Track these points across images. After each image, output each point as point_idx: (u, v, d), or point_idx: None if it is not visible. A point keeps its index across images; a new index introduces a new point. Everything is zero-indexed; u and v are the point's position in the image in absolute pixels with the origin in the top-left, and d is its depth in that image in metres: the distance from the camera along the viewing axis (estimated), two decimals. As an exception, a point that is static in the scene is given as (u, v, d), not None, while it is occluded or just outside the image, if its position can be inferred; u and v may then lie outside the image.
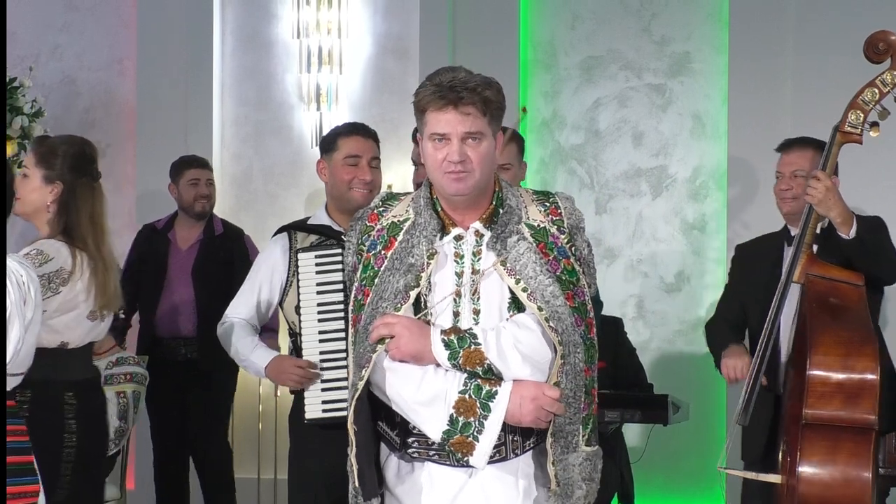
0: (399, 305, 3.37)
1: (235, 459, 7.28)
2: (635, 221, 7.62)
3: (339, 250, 4.66)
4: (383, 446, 3.52)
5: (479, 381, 3.34)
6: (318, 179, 6.82)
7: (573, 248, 3.47)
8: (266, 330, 6.64)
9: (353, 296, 3.52)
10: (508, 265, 3.38)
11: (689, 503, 7.22)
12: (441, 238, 3.45)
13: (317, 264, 4.66)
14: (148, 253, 7.02)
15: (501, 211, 3.46)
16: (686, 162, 7.55)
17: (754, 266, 5.18)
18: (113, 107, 8.24)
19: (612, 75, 7.65)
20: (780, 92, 7.22)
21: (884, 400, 4.57)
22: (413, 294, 3.38)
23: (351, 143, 4.85)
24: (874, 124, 4.76)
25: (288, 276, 4.80)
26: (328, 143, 4.92)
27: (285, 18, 7.97)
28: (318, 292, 4.63)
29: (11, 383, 4.26)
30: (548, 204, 3.51)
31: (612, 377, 6.09)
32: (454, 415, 3.33)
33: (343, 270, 4.60)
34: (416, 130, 4.87)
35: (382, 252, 3.47)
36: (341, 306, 4.61)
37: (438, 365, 3.36)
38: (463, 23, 7.70)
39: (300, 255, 4.68)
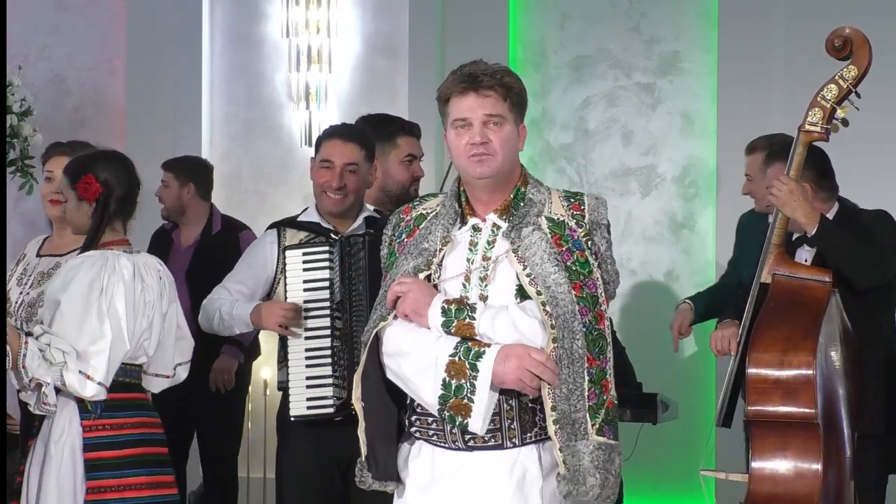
0: None
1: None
2: (624, 220, 7.62)
3: (327, 248, 4.68)
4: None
5: (469, 342, 3.39)
6: (307, 178, 6.83)
7: (590, 243, 3.51)
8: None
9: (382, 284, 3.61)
10: (519, 253, 3.44)
11: (678, 502, 7.22)
12: (460, 228, 3.53)
13: (304, 262, 4.67)
14: (154, 254, 6.99)
15: (522, 204, 3.52)
16: (675, 161, 7.56)
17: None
18: (102, 106, 8.24)
19: (602, 74, 7.65)
20: (770, 91, 7.22)
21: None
22: (421, 276, 3.47)
23: (327, 147, 4.85)
24: (842, 121, 4.75)
25: (276, 273, 4.80)
26: (316, 144, 4.95)
27: (274, 17, 7.97)
28: (305, 290, 4.64)
29: (182, 373, 4.62)
30: (573, 200, 3.56)
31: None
32: (446, 378, 3.36)
33: (331, 268, 4.66)
34: None
35: (406, 240, 3.58)
36: (327, 304, 4.62)
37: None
38: (452, 22, 7.70)
39: (288, 253, 4.70)
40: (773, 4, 7.30)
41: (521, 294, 3.43)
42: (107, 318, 4.26)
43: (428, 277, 3.49)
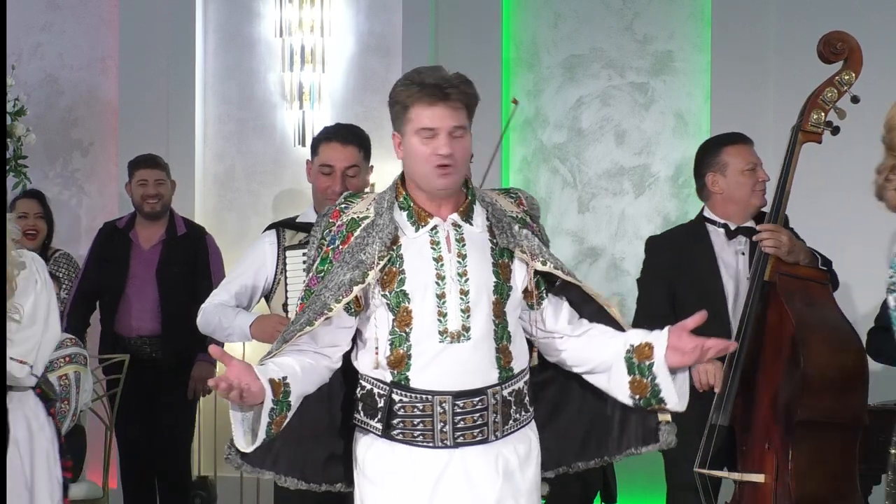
0: (340, 298, 3.49)
1: (218, 458, 7.25)
2: (618, 220, 7.63)
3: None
4: (356, 434, 3.63)
5: None
6: (300, 178, 6.81)
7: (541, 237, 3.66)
8: None
9: (305, 285, 3.64)
10: (527, 251, 3.55)
11: (671, 501, 7.22)
12: (417, 231, 3.55)
13: (304, 262, 4.66)
14: (109, 251, 6.99)
15: (475, 206, 3.59)
16: (668, 160, 7.56)
17: (687, 259, 5.07)
18: (95, 105, 8.23)
19: (595, 74, 7.66)
20: (763, 90, 7.23)
21: None
22: (356, 289, 3.49)
23: (327, 151, 4.83)
24: (835, 128, 4.80)
25: (276, 274, 4.79)
26: (313, 146, 4.92)
27: (268, 17, 7.96)
28: None
29: None
30: (512, 196, 3.68)
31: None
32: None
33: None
34: None
35: (340, 247, 3.59)
36: (328, 304, 4.62)
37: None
38: (445, 21, 7.70)
39: (288, 253, 4.70)
40: (766, 4, 7.31)
41: (497, 289, 3.51)
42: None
43: (402, 284, 3.52)
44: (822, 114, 4.80)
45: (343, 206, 3.65)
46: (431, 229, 3.55)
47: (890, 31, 7.03)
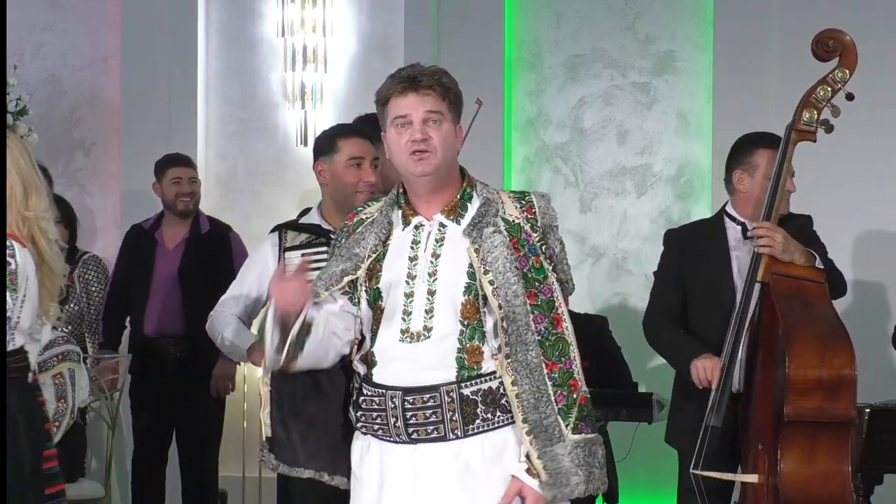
0: (330, 287, 3.58)
1: (221, 458, 7.26)
2: (620, 220, 7.63)
3: (325, 249, 4.68)
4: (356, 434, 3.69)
5: None
6: (302, 178, 6.81)
7: (544, 247, 3.58)
8: None
9: None
10: (481, 255, 3.48)
11: (673, 502, 7.22)
12: (403, 229, 3.59)
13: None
14: (135, 253, 7.00)
15: (469, 205, 3.57)
16: (671, 160, 7.57)
17: (700, 252, 5.06)
18: (97, 105, 8.23)
19: (597, 74, 7.66)
20: (765, 90, 7.24)
21: None
22: (346, 279, 3.57)
23: (352, 144, 4.82)
24: (830, 126, 4.80)
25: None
26: (327, 145, 4.87)
27: (270, 17, 7.97)
28: None
29: None
30: (524, 202, 3.61)
31: (597, 375, 6.09)
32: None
33: (327, 269, 4.68)
34: None
35: (343, 243, 3.66)
36: (322, 304, 4.62)
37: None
38: (447, 21, 7.71)
39: (286, 254, 4.70)
40: (768, 4, 7.31)
41: (468, 290, 3.49)
42: None
43: (354, 282, 3.58)
44: (815, 112, 4.80)
45: (360, 208, 3.72)
46: (415, 228, 3.58)
47: (892, 29, 7.04)
